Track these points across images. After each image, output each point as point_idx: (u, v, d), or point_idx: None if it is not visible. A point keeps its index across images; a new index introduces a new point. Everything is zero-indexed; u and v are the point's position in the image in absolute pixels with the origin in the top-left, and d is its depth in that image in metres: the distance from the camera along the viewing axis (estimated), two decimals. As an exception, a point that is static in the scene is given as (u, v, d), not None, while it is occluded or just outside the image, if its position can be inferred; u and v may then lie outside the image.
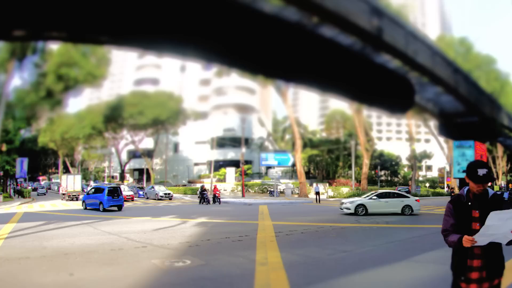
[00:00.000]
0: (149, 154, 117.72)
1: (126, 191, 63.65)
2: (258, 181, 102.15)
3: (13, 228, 25.37)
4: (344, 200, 40.45)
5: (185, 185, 74.74)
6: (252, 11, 31.25)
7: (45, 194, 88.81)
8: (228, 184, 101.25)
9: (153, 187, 74.11)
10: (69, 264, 14.42)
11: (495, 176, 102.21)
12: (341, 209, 38.74)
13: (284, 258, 15.88)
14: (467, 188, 5.79)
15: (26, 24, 28.84)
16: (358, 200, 39.27)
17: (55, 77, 65.53)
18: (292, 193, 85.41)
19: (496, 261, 5.61)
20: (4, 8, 24.85)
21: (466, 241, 5.25)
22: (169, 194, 67.69)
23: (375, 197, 39.43)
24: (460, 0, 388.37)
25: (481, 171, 5.44)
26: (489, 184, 5.66)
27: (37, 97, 66.21)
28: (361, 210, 37.48)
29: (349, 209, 37.82)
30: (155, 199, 66.42)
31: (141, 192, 77.82)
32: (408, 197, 40.64)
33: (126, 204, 50.92)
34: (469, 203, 5.66)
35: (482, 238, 5.25)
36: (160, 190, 68.65)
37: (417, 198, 41.29)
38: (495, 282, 5.65)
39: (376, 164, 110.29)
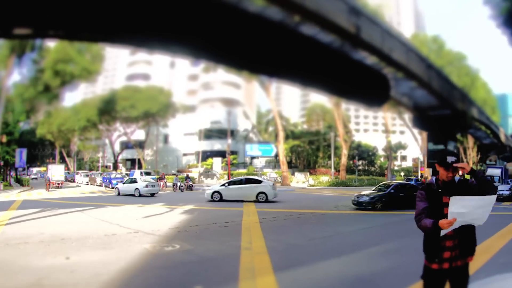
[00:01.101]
0: (140, 145, 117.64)
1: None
2: (243, 170, 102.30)
3: (12, 215, 25.32)
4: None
5: (174, 174, 74.32)
6: (237, 10, 31.49)
7: (36, 179, 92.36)
8: (216, 173, 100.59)
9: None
10: (65, 248, 14.47)
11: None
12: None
13: (267, 242, 16.07)
14: (436, 177, 5.91)
15: (26, 23, 29.25)
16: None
17: (52, 73, 65.52)
18: (275, 181, 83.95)
19: (468, 240, 5.73)
20: (6, 8, 25.14)
21: (443, 224, 5.28)
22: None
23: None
24: (433, 0, 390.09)
25: (450, 159, 5.58)
26: (460, 172, 5.73)
27: (35, 91, 66.55)
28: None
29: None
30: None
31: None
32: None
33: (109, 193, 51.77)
34: (440, 190, 5.75)
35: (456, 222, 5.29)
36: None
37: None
38: (468, 260, 5.80)
39: (354, 155, 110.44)
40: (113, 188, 56.27)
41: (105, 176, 70.20)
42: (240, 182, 39.98)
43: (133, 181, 46.79)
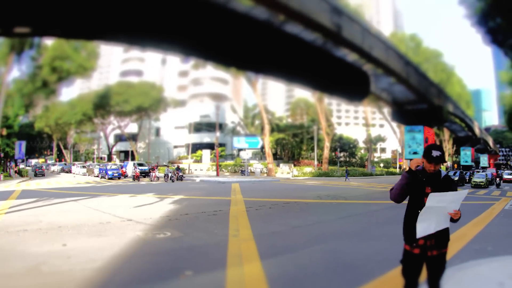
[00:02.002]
0: (133, 137, 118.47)
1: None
2: (231, 161, 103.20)
3: (12, 204, 25.25)
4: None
5: (165, 165, 74.64)
6: (225, 10, 31.79)
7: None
8: (204, 164, 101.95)
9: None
10: (62, 235, 14.43)
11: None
12: None
13: (254, 230, 16.08)
14: (421, 167, 5.96)
15: (26, 22, 29.25)
16: None
17: (49, 69, 66.88)
18: (261, 172, 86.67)
19: (443, 232, 5.80)
20: (7, 8, 25.70)
21: (412, 164, 5.85)
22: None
23: None
24: (411, 0, 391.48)
25: (435, 153, 5.70)
26: (438, 167, 5.80)
27: (34, 87, 67.62)
28: None
29: None
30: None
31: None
32: None
33: (111, 182, 52.48)
34: (424, 179, 5.84)
35: (424, 224, 5.53)
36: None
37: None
38: (442, 251, 5.88)
39: (336, 147, 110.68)
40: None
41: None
42: None
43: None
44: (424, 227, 5.50)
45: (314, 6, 33.12)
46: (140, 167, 63.61)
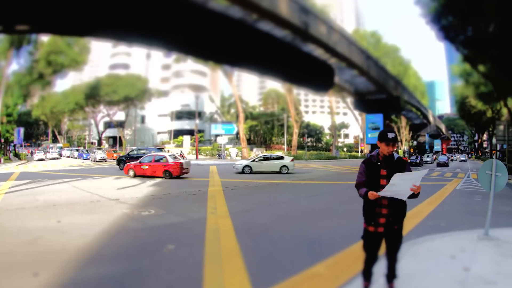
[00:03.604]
0: (121, 124, 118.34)
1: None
2: (209, 146, 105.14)
3: (11, 185, 25.20)
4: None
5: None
6: (204, 9, 32.29)
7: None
8: (185, 149, 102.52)
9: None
10: (57, 213, 14.50)
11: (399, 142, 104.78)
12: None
13: (229, 208, 16.20)
14: (377, 151, 6.05)
15: (26, 21, 29.36)
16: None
17: (45, 63, 67.57)
18: (236, 155, 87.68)
19: (400, 210, 5.89)
20: (9, 8, 26.34)
21: (370, 195, 5.63)
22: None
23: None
24: (372, 0, 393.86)
25: (390, 135, 5.79)
26: (395, 148, 5.85)
27: (31, 79, 68.28)
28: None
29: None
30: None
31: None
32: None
33: (96, 165, 52.40)
34: (379, 163, 5.92)
35: (386, 192, 5.59)
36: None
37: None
38: (401, 224, 6.00)
39: (303, 133, 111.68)
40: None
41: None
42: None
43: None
44: (387, 189, 5.56)
45: (284, 5, 33.60)
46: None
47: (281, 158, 40.73)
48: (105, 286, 7.20)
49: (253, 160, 39.84)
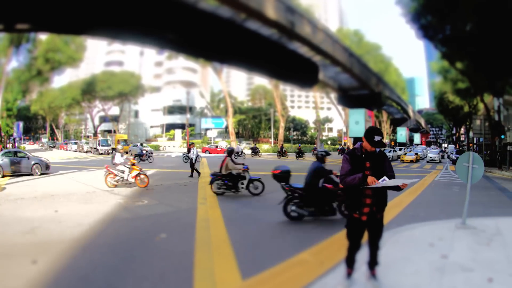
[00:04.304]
0: (115, 119, 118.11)
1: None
2: (199, 139, 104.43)
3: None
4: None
5: (142, 144, 74.67)
6: (195, 9, 32.63)
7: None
8: (177, 142, 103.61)
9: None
10: (54, 203, 14.50)
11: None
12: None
13: (219, 198, 16.36)
14: (359, 143, 6.07)
15: (25, 20, 29.48)
16: None
17: (43, 60, 66.98)
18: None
19: (382, 200, 5.93)
20: (10, 8, 26.61)
21: (370, 179, 5.64)
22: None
23: None
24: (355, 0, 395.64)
25: (377, 138, 5.76)
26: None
27: (30, 75, 67.76)
28: None
29: None
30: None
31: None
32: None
33: (91, 158, 52.55)
34: (363, 156, 5.95)
35: (378, 184, 5.64)
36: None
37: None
38: (382, 214, 6.03)
39: (289, 127, 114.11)
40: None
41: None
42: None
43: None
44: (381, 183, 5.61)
45: (270, 5, 33.78)
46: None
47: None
48: (100, 272, 7.20)
49: None
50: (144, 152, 44.94)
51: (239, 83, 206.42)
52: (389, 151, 61.18)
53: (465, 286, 6.27)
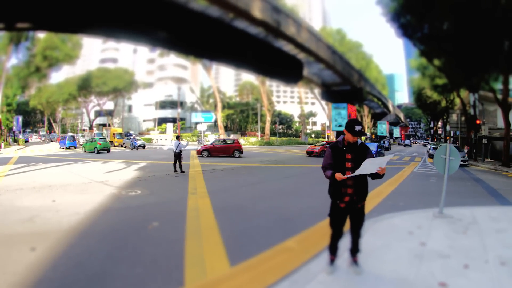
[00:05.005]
0: (110, 113, 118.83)
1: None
2: (189, 133, 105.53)
3: (11, 168, 25.13)
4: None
5: (135, 137, 74.96)
6: (185, 9, 33.11)
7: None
8: (168, 135, 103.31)
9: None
10: (52, 193, 14.42)
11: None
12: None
13: (208, 188, 16.30)
14: (342, 137, 6.09)
15: (25, 19, 29.58)
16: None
17: (41, 57, 67.83)
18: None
19: (363, 190, 5.98)
20: (11, 8, 26.94)
21: (337, 176, 5.70)
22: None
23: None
24: (337, 0, 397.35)
25: (358, 128, 5.82)
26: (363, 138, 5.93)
27: (29, 72, 68.49)
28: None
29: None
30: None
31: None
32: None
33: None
34: (344, 148, 5.97)
35: (355, 173, 5.73)
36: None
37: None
38: (363, 203, 6.07)
39: (275, 121, 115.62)
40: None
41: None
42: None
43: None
44: (357, 172, 5.65)
45: (257, 5, 34.19)
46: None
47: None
48: (95, 259, 7.21)
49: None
50: (137, 143, 45.00)
51: (227, 79, 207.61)
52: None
53: (442, 272, 6.31)
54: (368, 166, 5.68)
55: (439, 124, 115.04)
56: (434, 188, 18.01)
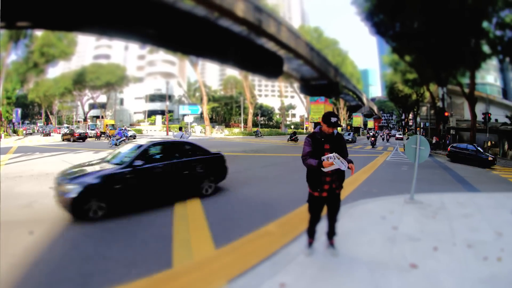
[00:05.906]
0: (103, 106, 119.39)
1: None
2: (177, 124, 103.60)
3: (10, 157, 25.01)
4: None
5: (126, 128, 75.01)
6: (173, 8, 33.37)
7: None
8: (157, 126, 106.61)
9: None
10: (49, 180, 14.11)
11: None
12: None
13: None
14: (319, 127, 6.08)
15: (25, 18, 29.59)
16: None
17: (39, 54, 68.11)
18: (200, 132, 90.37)
19: (341, 177, 6.04)
20: (11, 7, 26.52)
21: (326, 164, 5.63)
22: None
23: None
24: (315, 0, 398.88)
25: (333, 119, 5.82)
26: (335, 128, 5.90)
27: (27, 67, 68.88)
28: None
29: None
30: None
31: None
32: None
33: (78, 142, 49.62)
34: (322, 139, 5.95)
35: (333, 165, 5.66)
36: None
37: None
38: (340, 190, 6.14)
39: (257, 113, 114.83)
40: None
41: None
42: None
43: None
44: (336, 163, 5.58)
45: (240, 5, 34.36)
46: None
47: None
48: (90, 241, 7.34)
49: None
50: (127, 134, 44.86)
51: (212, 74, 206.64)
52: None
53: (413, 254, 6.37)
54: (341, 164, 5.64)
55: (410, 116, 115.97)
56: (405, 176, 18.19)
